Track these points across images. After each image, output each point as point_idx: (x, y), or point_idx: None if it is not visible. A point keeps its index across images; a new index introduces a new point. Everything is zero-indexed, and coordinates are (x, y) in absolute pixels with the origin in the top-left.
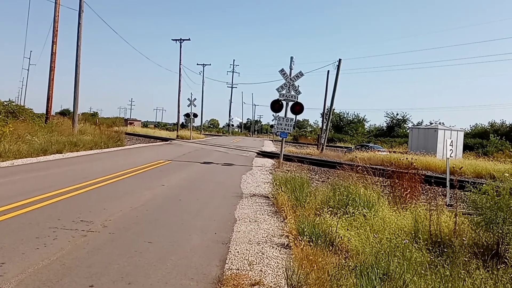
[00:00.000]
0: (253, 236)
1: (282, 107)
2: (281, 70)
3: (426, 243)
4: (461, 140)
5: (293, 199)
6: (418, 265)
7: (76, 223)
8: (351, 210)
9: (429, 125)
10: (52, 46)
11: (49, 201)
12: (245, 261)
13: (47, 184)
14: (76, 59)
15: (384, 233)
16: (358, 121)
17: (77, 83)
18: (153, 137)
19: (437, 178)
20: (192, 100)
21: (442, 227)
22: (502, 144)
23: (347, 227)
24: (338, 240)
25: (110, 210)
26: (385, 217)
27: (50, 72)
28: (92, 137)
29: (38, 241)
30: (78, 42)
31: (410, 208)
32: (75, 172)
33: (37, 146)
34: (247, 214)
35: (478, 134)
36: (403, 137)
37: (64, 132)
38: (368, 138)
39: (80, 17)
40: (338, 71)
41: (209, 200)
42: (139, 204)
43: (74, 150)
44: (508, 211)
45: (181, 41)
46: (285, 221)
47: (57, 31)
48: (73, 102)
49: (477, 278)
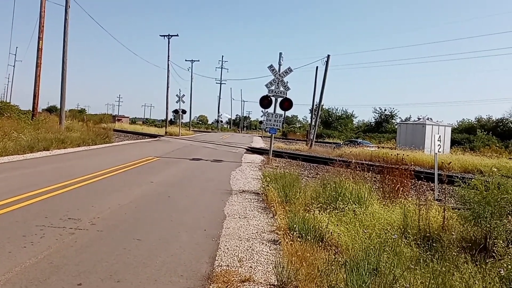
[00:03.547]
0: (243, 232)
1: (271, 103)
2: (270, 66)
3: (415, 238)
4: (448, 135)
5: (282, 195)
6: (407, 260)
7: (64, 221)
8: (341, 205)
9: (417, 121)
10: (38, 42)
11: (36, 199)
12: (235, 257)
13: (34, 181)
14: (63, 55)
15: (374, 228)
16: (347, 117)
17: (64, 79)
18: (141, 134)
19: (426, 173)
20: (181, 97)
21: (431, 222)
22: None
23: (337, 222)
24: (328, 236)
25: (98, 208)
26: (374, 212)
27: (36, 69)
28: (80, 134)
29: (25, 239)
30: (64, 38)
31: (399, 203)
32: (62, 169)
33: (24, 143)
34: (236, 211)
35: (465, 129)
36: (391, 132)
37: (51, 129)
38: (357, 134)
39: (67, 13)
40: (326, 67)
41: (198, 197)
42: (127, 201)
43: (62, 147)
44: (496, 205)
45: (169, 37)
46: (275, 217)
47: (43, 27)
48: (60, 98)
49: (466, 272)
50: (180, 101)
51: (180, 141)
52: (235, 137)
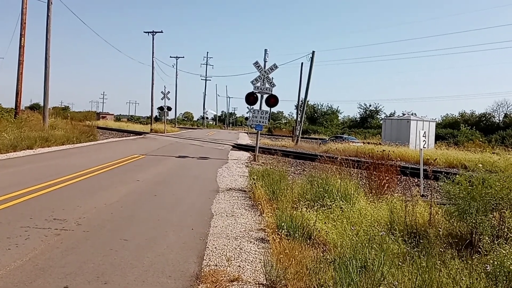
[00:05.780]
0: (231, 231)
1: (257, 99)
2: (255, 63)
3: (402, 234)
4: (433, 131)
5: (270, 192)
6: (395, 256)
7: (49, 221)
8: (328, 202)
9: (401, 116)
10: (20, 39)
11: (20, 199)
12: (223, 256)
13: (17, 181)
14: (46, 52)
15: (361, 225)
16: (332, 113)
17: (47, 77)
18: (126, 131)
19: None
20: (166, 93)
21: (417, 218)
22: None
23: (324, 220)
24: (316, 233)
25: (84, 207)
26: (361, 209)
27: (18, 66)
28: (64, 132)
29: (9, 241)
30: (47, 35)
31: (386, 199)
32: (47, 168)
33: (7, 142)
34: (224, 209)
35: (449, 124)
36: (376, 128)
37: (35, 127)
38: (342, 130)
39: (49, 10)
40: (311, 63)
41: (185, 195)
42: (113, 201)
43: (46, 146)
44: (481, 201)
45: (154, 33)
46: (263, 215)
47: (25, 24)
48: (43, 96)
49: (453, 268)
50: (165, 98)
51: (166, 138)
52: (221, 133)
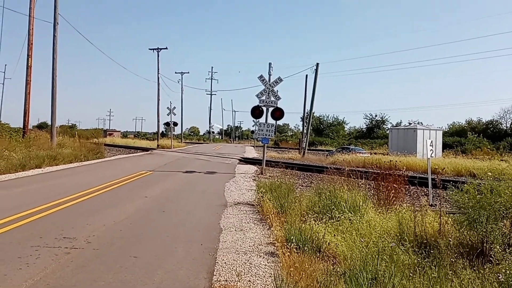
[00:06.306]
0: (240, 245)
1: (262, 113)
2: (260, 77)
3: (412, 245)
4: (440, 139)
5: (278, 206)
6: (405, 267)
7: (59, 240)
8: (337, 214)
9: (408, 125)
10: (27, 59)
11: (30, 219)
12: (233, 271)
13: (27, 200)
14: (53, 72)
15: (371, 236)
16: (338, 124)
17: (54, 96)
18: (133, 148)
19: (419, 178)
20: (172, 109)
21: (427, 228)
22: (479, 142)
23: (333, 232)
24: (325, 246)
25: (93, 225)
26: (370, 220)
27: (26, 86)
28: (72, 150)
29: (20, 261)
30: (53, 55)
31: (394, 210)
32: (55, 187)
33: (15, 162)
34: (232, 223)
35: (456, 132)
36: (383, 138)
37: (43, 146)
38: (349, 140)
39: (55, 30)
40: (316, 75)
41: (193, 210)
42: (122, 218)
43: (54, 164)
44: (490, 209)
45: (159, 50)
46: (271, 228)
47: (32, 45)
48: (51, 115)
49: (464, 278)
50: (171, 114)
51: (173, 154)
52: (227, 147)
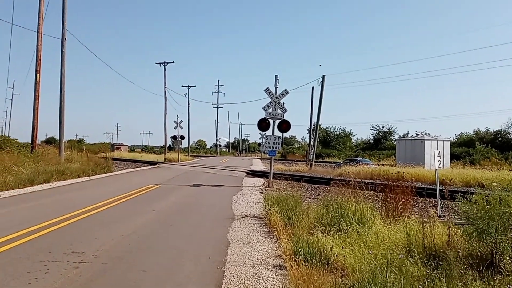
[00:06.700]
0: (248, 258)
1: (269, 125)
2: (266, 89)
3: (420, 256)
4: (447, 150)
5: (285, 218)
6: (414, 279)
7: (68, 254)
8: (345, 226)
9: (415, 136)
10: (35, 75)
11: (39, 233)
12: (241, 285)
13: (36, 215)
14: (60, 87)
15: (379, 248)
16: (345, 135)
17: (62, 111)
18: (140, 161)
19: (427, 189)
20: (179, 122)
21: (436, 239)
22: (488, 152)
23: (341, 244)
24: (333, 259)
25: (101, 239)
26: (378, 232)
27: (34, 101)
28: (80, 165)
29: (29, 275)
30: (61, 70)
31: (402, 221)
32: (63, 201)
33: (24, 177)
34: (240, 236)
35: (464, 142)
36: (390, 149)
37: (51, 161)
38: (356, 152)
39: (63, 45)
40: (322, 87)
41: (201, 224)
42: (130, 232)
43: (62, 179)
44: (499, 220)
45: (165, 64)
46: (279, 241)
47: (40, 60)
48: (59, 130)
49: None
50: (178, 127)
51: (180, 167)
52: (234, 160)
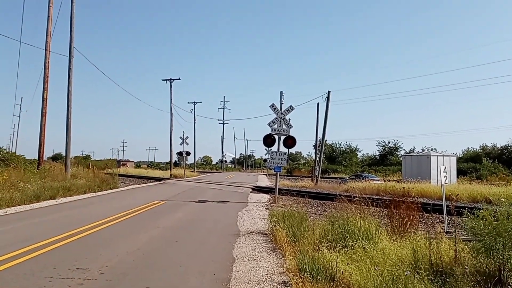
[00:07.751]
0: (253, 275)
1: (274, 141)
2: (271, 105)
3: (427, 273)
4: (454, 165)
5: (291, 234)
6: None
7: (72, 271)
8: (350, 243)
9: (421, 152)
10: (43, 92)
11: (44, 250)
12: None
13: (41, 231)
14: (67, 104)
15: (385, 265)
16: (351, 151)
17: (69, 127)
18: (146, 177)
19: (433, 205)
20: (185, 139)
21: (442, 255)
22: (495, 167)
23: (347, 261)
24: (339, 275)
25: (106, 256)
26: (384, 248)
27: (41, 118)
28: (86, 181)
29: None
30: (69, 87)
31: (409, 237)
32: (69, 218)
33: (30, 193)
34: (245, 253)
35: (471, 158)
36: (396, 164)
37: (57, 177)
38: (362, 168)
39: (70, 63)
40: (327, 103)
41: (206, 240)
42: (135, 248)
43: (68, 195)
44: (507, 236)
45: (171, 81)
46: (284, 258)
47: (47, 77)
48: (65, 146)
49: None
50: (184, 143)
51: (186, 183)
52: (240, 176)
